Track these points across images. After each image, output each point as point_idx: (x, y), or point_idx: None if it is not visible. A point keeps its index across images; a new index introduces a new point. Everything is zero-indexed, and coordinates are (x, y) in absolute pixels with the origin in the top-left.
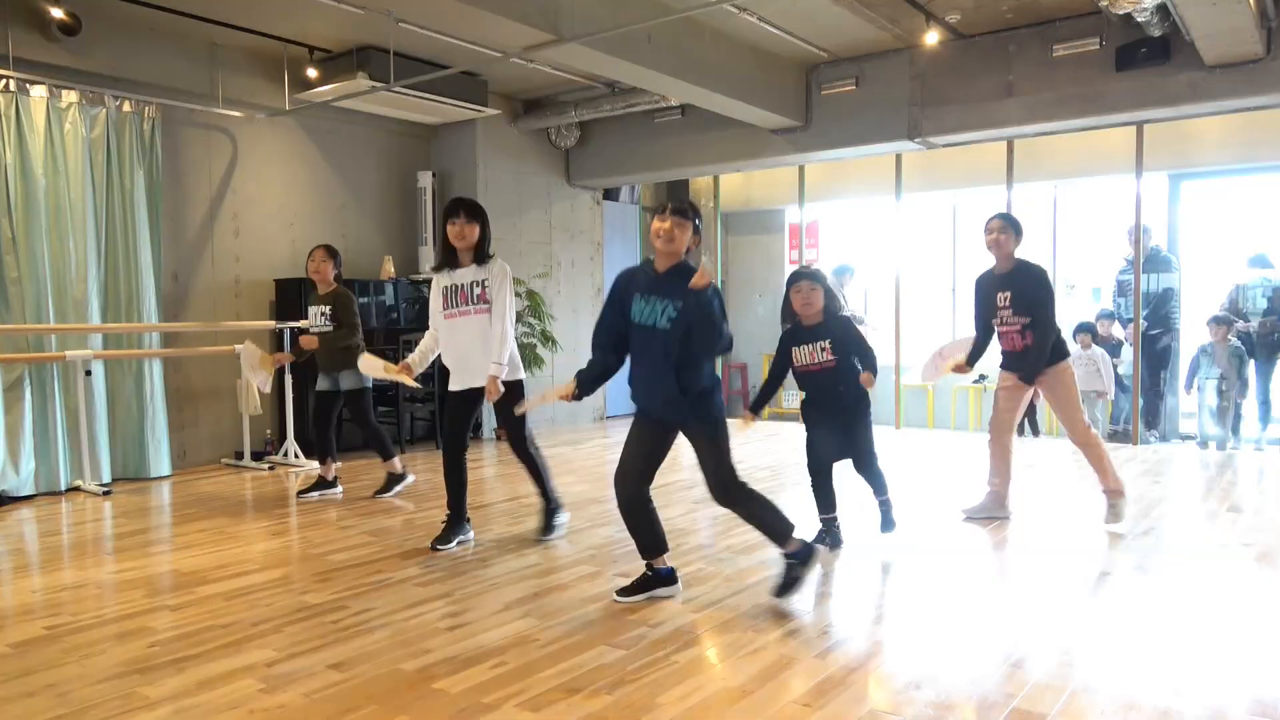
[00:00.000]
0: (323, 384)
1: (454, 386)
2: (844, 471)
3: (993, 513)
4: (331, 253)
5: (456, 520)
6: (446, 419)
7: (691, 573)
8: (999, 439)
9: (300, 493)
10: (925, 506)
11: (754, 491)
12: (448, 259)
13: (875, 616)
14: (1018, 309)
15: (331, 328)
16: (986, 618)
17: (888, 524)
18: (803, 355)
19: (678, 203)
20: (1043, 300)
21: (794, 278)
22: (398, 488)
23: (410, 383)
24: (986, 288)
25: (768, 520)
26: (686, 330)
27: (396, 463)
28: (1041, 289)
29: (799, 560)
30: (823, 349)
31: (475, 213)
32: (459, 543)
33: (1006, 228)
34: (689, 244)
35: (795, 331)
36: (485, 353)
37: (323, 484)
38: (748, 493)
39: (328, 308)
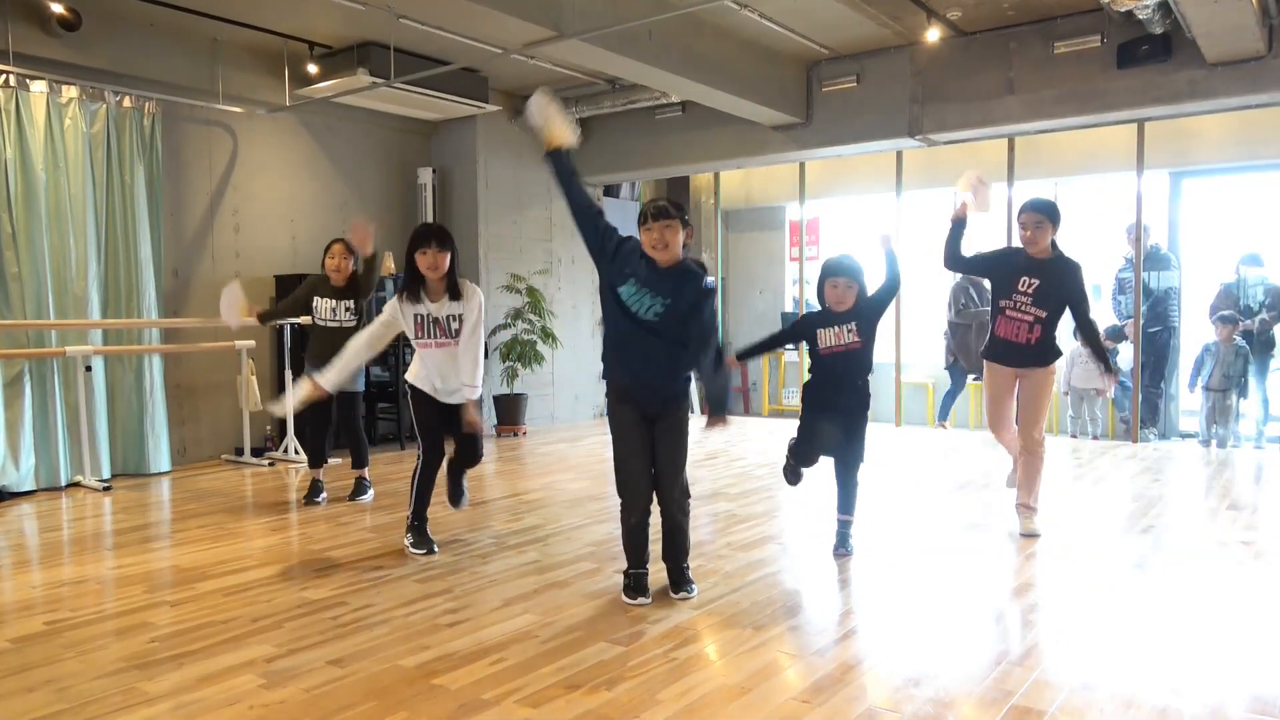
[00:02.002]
0: None
1: (442, 399)
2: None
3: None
4: (351, 249)
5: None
6: (430, 428)
7: (691, 570)
8: (1005, 432)
9: (309, 498)
10: (925, 505)
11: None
12: (414, 288)
13: (874, 614)
14: (1040, 301)
15: (355, 321)
16: (985, 615)
17: (844, 546)
18: (829, 337)
19: (658, 205)
20: (1082, 298)
21: (834, 270)
22: (364, 497)
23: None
24: (1009, 265)
25: (686, 537)
26: (682, 323)
27: (368, 472)
28: (1081, 288)
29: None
30: (849, 330)
31: (446, 242)
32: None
33: (1043, 219)
34: (684, 240)
35: (824, 314)
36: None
37: (320, 486)
38: (687, 501)
39: (350, 301)
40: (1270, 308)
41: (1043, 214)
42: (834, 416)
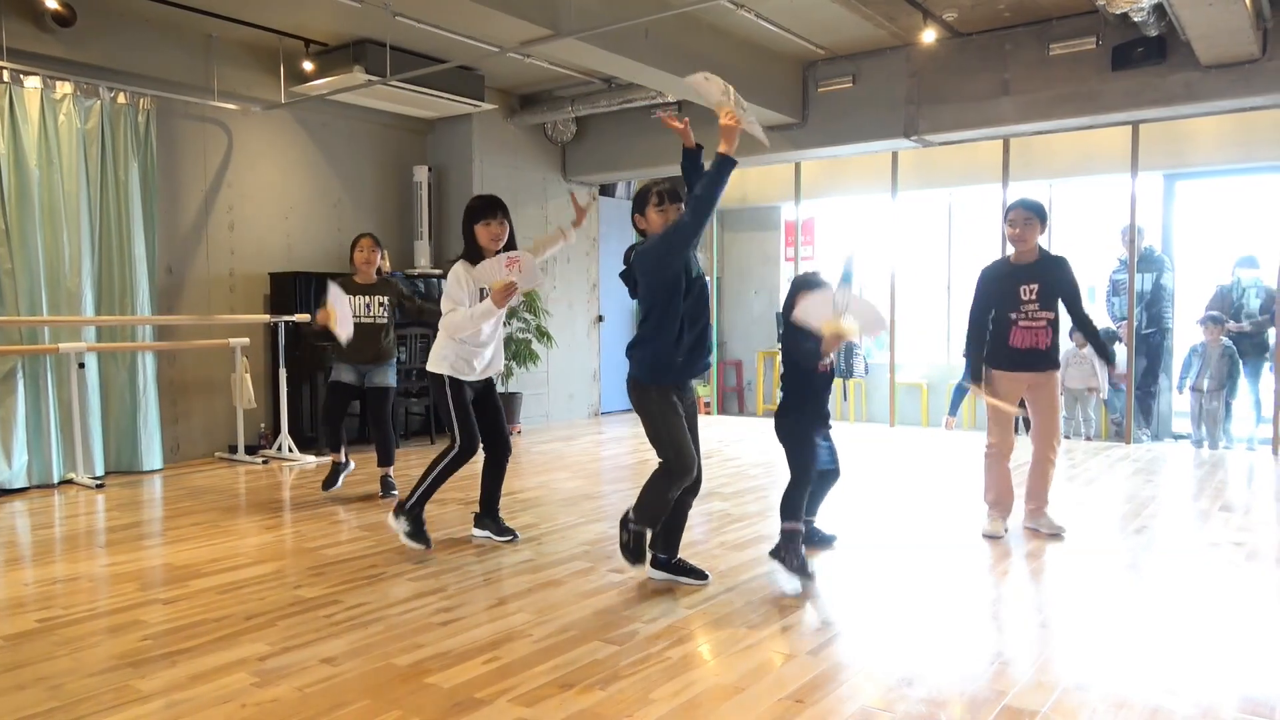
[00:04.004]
0: (348, 376)
1: (478, 377)
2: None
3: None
4: (379, 242)
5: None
6: (468, 412)
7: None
8: (1004, 459)
9: (326, 485)
10: (918, 505)
11: None
12: (474, 260)
13: (867, 614)
14: (1045, 303)
15: (387, 319)
16: (978, 615)
17: (823, 540)
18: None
19: (673, 189)
20: (1077, 292)
21: (810, 285)
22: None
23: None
24: (1003, 280)
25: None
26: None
27: (391, 470)
28: (1074, 280)
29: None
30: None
31: (507, 214)
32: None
33: (1032, 218)
34: None
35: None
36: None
37: (339, 469)
38: None
39: (384, 298)
40: (1264, 310)
41: (1032, 212)
42: (828, 429)
